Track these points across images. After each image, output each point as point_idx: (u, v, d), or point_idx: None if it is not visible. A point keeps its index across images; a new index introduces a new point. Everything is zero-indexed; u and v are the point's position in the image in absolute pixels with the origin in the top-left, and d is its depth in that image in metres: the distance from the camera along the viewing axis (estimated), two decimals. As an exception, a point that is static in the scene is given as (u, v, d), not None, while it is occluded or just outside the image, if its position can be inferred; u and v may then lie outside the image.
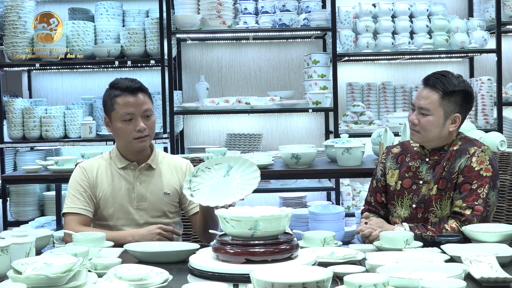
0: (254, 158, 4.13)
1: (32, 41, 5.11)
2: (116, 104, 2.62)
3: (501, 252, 2.10)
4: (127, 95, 2.62)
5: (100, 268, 2.00)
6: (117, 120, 2.63)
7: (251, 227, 1.84)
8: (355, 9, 5.37)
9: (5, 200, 5.25)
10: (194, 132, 5.80)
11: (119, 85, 2.64)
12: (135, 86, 2.63)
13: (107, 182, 2.68)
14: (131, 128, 2.62)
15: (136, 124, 2.61)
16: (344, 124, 5.29)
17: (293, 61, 5.83)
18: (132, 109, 2.61)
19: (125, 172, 2.69)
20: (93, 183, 2.68)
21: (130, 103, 2.61)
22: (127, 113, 2.61)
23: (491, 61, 5.74)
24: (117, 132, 2.66)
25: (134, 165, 2.70)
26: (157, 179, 2.71)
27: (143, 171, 2.71)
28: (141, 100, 2.63)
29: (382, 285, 1.63)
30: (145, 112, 2.63)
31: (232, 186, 2.39)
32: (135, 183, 2.68)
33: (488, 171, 2.58)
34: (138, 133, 2.62)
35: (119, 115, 2.62)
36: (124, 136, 2.64)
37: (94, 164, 2.72)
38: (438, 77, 2.64)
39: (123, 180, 2.69)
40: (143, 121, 2.62)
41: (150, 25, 5.13)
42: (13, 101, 5.16)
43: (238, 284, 1.77)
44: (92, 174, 2.69)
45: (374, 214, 2.82)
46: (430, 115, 2.62)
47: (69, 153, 5.65)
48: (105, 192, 2.67)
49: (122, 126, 2.62)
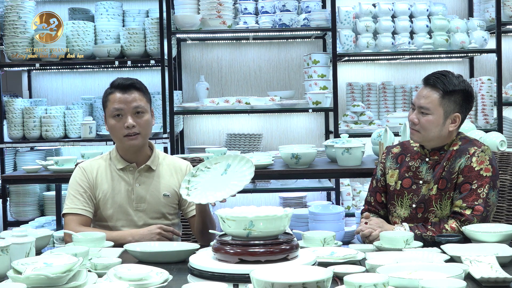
0: (254, 158, 4.13)
1: (32, 41, 5.11)
2: (108, 101, 2.64)
3: (501, 252, 2.10)
4: (117, 91, 2.63)
5: (100, 268, 2.00)
6: (109, 117, 2.64)
7: (246, 227, 1.84)
8: (355, 9, 5.37)
9: (5, 200, 5.25)
10: (194, 132, 5.80)
11: (113, 83, 2.66)
12: (127, 83, 2.63)
13: (106, 183, 2.68)
14: (120, 125, 2.61)
15: (125, 120, 2.61)
16: (344, 124, 5.29)
17: (293, 61, 5.83)
18: (121, 105, 2.61)
19: (124, 173, 2.69)
20: (93, 183, 2.67)
21: (119, 99, 2.61)
22: (116, 109, 2.61)
23: (491, 61, 5.74)
24: (110, 129, 2.66)
25: (133, 166, 2.69)
26: (157, 180, 2.71)
27: (143, 172, 2.70)
28: (131, 97, 2.62)
29: (382, 285, 1.63)
30: (136, 109, 2.62)
31: (227, 183, 2.38)
32: (135, 185, 2.68)
33: (488, 171, 2.58)
34: (127, 130, 2.60)
35: (110, 111, 2.63)
36: (115, 133, 2.64)
37: (94, 165, 2.72)
38: (438, 76, 2.64)
39: (123, 181, 2.68)
40: (133, 118, 2.61)
41: (150, 25, 5.13)
42: (13, 101, 5.16)
43: (238, 284, 1.77)
44: (92, 174, 2.69)
45: (374, 214, 2.82)
46: (430, 114, 2.62)
47: (69, 153, 5.65)
48: (105, 193, 2.67)
49: (113, 122, 2.63)
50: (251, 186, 5.16)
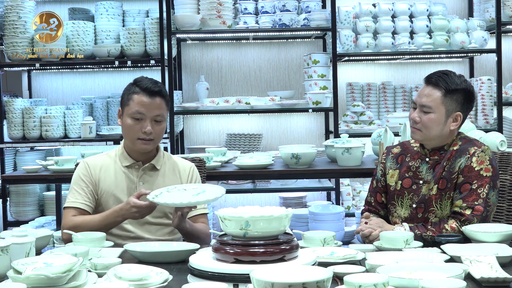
0: (254, 158, 4.13)
1: (32, 41, 5.11)
2: (131, 100, 2.63)
3: (501, 252, 2.10)
4: (144, 95, 2.62)
5: (100, 268, 2.00)
6: (128, 116, 2.64)
7: (242, 227, 1.84)
8: (355, 9, 5.37)
9: (5, 200, 5.26)
10: (194, 132, 5.80)
11: (140, 83, 2.65)
12: (155, 89, 2.63)
13: (109, 179, 2.68)
14: (138, 128, 2.62)
15: (144, 125, 2.62)
16: (344, 124, 5.29)
17: (293, 61, 5.83)
18: (144, 110, 2.61)
19: (129, 170, 2.70)
20: (95, 179, 2.68)
21: (144, 103, 2.61)
22: (138, 112, 2.61)
23: (491, 61, 5.74)
24: (124, 127, 2.66)
25: (138, 165, 2.70)
26: (160, 180, 2.71)
27: (147, 171, 2.71)
28: (155, 104, 2.63)
29: (382, 285, 1.63)
30: (156, 117, 2.63)
31: (196, 197, 2.37)
32: (138, 183, 2.68)
33: (488, 171, 2.58)
34: (143, 135, 2.62)
35: (131, 111, 2.62)
36: (130, 133, 2.64)
37: (98, 161, 2.72)
38: (440, 75, 2.64)
39: (126, 178, 2.69)
40: (151, 124, 2.62)
41: (150, 25, 5.13)
42: (13, 101, 5.16)
43: (238, 284, 1.77)
44: (95, 170, 2.69)
45: (374, 214, 2.82)
46: (432, 113, 2.62)
47: (69, 153, 5.65)
48: (108, 190, 2.67)
49: (131, 123, 2.63)
50: (251, 186, 5.17)
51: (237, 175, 4.31)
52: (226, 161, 4.33)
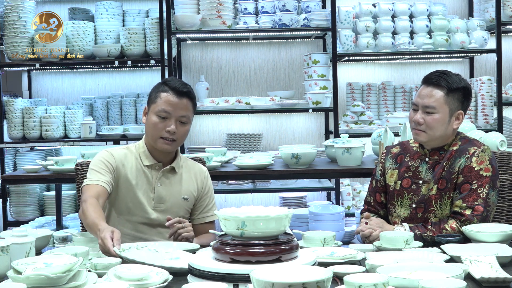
0: (254, 158, 4.13)
1: (32, 41, 5.11)
2: (159, 98, 2.63)
3: (501, 252, 2.10)
4: (172, 94, 2.62)
5: (100, 268, 2.00)
6: (153, 113, 2.63)
7: (238, 227, 1.84)
8: (355, 9, 5.37)
9: (5, 200, 5.26)
10: (194, 132, 5.80)
11: (170, 83, 2.65)
12: (184, 89, 2.63)
13: (130, 175, 2.65)
14: (162, 126, 2.61)
15: (168, 124, 2.61)
16: (344, 124, 5.29)
17: (293, 61, 5.83)
18: (170, 109, 2.61)
19: (149, 170, 2.68)
20: (117, 170, 2.63)
21: (171, 102, 2.61)
22: (165, 110, 2.61)
23: (491, 61, 5.74)
24: (148, 124, 2.65)
25: (159, 166, 2.69)
26: (178, 183, 2.71)
27: (166, 173, 2.69)
28: (182, 105, 2.62)
29: (382, 285, 1.63)
30: (182, 118, 2.63)
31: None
32: (156, 184, 2.67)
33: (488, 171, 2.58)
34: (166, 134, 2.61)
35: (157, 109, 2.62)
36: (153, 131, 2.63)
37: (121, 154, 2.68)
38: (439, 75, 2.64)
39: (146, 178, 2.67)
40: (176, 125, 2.62)
41: (150, 25, 5.13)
42: (13, 101, 5.16)
43: (238, 284, 1.76)
44: (120, 161, 2.65)
45: (374, 214, 2.82)
46: (436, 113, 2.62)
47: (69, 153, 5.65)
48: (127, 185, 2.64)
49: (156, 120, 2.62)
50: (251, 186, 5.17)
51: (237, 175, 4.31)
52: (226, 161, 4.34)
